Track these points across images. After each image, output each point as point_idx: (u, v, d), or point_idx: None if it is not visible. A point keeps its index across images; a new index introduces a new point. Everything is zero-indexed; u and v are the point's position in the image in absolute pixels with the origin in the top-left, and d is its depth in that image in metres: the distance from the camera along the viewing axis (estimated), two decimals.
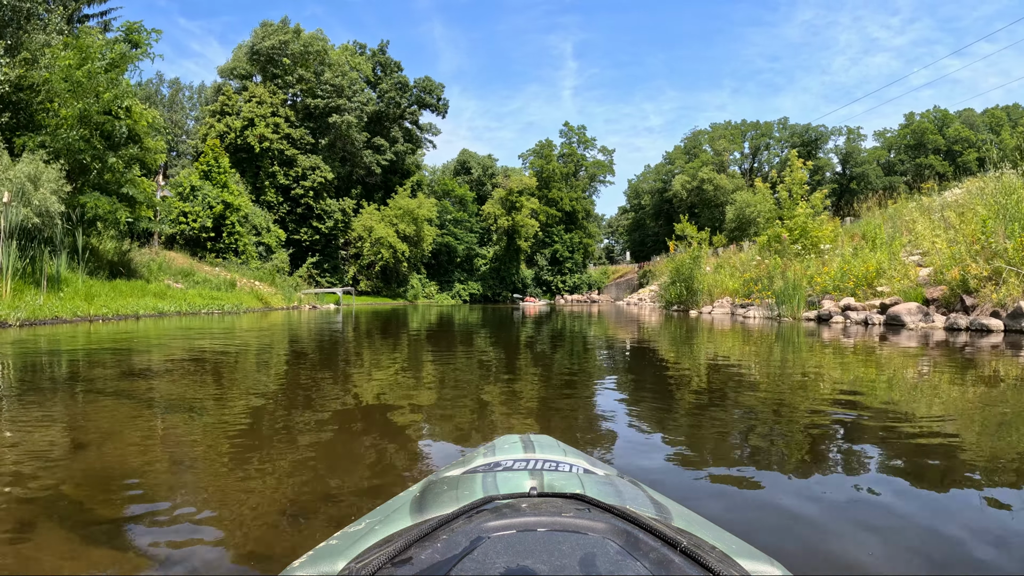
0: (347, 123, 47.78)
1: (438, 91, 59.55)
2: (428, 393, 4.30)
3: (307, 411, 3.48)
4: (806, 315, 14.01)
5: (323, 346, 8.40)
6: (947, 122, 79.79)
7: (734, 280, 20.98)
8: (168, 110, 71.91)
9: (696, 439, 2.86)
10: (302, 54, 47.23)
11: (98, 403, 3.65)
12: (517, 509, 0.78)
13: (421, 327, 13.78)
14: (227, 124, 42.86)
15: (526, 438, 1.32)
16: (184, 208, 31.67)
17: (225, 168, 33.59)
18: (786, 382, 4.76)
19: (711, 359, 6.50)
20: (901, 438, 2.79)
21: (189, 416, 3.31)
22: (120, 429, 2.92)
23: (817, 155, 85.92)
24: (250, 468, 2.30)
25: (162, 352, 6.93)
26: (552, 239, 70.59)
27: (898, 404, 3.75)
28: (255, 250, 34.63)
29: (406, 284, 53.19)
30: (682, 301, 22.01)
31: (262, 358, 6.58)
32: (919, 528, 1.73)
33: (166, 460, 2.42)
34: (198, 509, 1.86)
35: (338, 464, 2.38)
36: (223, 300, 21.46)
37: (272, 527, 1.73)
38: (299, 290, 35.05)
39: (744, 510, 1.91)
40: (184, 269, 25.81)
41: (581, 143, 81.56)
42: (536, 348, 8.41)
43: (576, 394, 4.35)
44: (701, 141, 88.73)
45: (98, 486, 2.09)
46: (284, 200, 45.41)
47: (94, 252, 19.84)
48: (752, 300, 17.50)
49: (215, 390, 4.29)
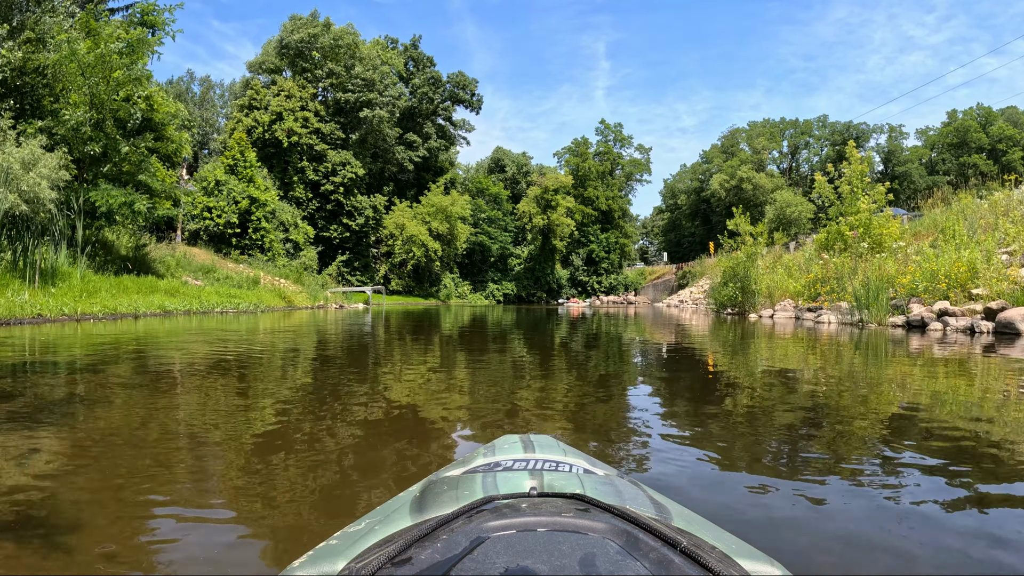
0: (378, 118, 46.34)
1: (472, 86, 57.96)
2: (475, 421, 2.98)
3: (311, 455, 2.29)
4: (893, 321, 11.91)
5: (338, 357, 6.65)
6: (990, 120, 76.00)
7: (794, 281, 18.82)
8: (199, 108, 71.75)
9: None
10: (332, 48, 45.97)
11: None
12: (517, 509, 0.77)
13: (456, 329, 12.03)
14: (255, 119, 41.73)
15: (526, 438, 1.31)
16: (208, 203, 30.46)
17: (251, 162, 32.31)
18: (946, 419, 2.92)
19: (822, 383, 4.57)
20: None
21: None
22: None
23: (861, 153, 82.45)
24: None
25: (125, 365, 5.24)
26: (588, 239, 68.46)
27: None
28: (282, 247, 33.26)
29: (439, 283, 51.63)
30: (736, 304, 19.86)
31: (254, 377, 4.83)
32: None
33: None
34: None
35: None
36: (242, 298, 19.99)
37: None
38: (327, 288, 33.59)
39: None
40: (205, 266, 24.50)
41: (617, 141, 79.34)
42: (597, 360, 6.56)
43: (674, 437, 2.85)
44: (739, 140, 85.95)
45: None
46: (313, 196, 44.12)
47: (106, 246, 18.54)
48: (820, 303, 15.38)
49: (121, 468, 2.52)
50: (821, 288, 15.75)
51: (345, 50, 46.51)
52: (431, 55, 57.11)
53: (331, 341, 8.56)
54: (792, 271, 19.76)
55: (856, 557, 1.51)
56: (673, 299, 46.92)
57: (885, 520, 1.72)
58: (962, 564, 1.46)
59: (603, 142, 78.21)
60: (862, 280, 13.31)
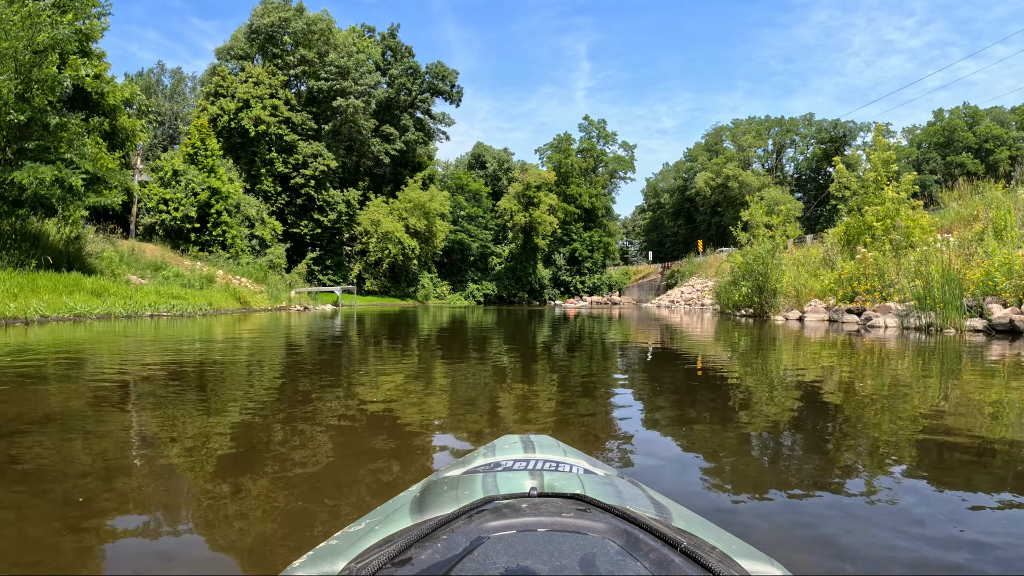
0: (353, 107, 43.74)
1: (452, 77, 55.59)
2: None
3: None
4: (971, 325, 9.96)
5: (272, 378, 4.39)
6: (977, 119, 75.50)
7: (815, 279, 16.86)
8: (170, 100, 68.56)
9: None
10: (304, 33, 43.35)
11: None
12: (517, 509, 0.77)
13: (444, 337, 9.78)
14: (221, 107, 38.97)
15: (526, 438, 1.29)
16: (165, 195, 27.77)
17: (213, 150, 29.63)
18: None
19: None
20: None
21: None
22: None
23: (845, 152, 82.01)
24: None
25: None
26: (571, 237, 66.38)
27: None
28: (247, 244, 30.62)
29: (416, 283, 49.16)
30: (751, 305, 17.81)
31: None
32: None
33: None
34: None
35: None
36: (188, 300, 17.52)
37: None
38: (294, 288, 31.03)
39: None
40: (155, 263, 21.99)
41: (601, 137, 77.49)
42: (640, 382, 4.38)
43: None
44: (724, 138, 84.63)
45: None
46: (283, 190, 41.38)
47: (31, 238, 16.05)
48: (860, 303, 13.39)
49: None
50: (859, 286, 13.76)
51: (319, 36, 43.92)
52: (410, 45, 54.65)
53: (272, 359, 6.30)
54: (811, 268, 17.84)
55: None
56: (663, 299, 44.99)
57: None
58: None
59: (586, 138, 76.31)
60: (920, 274, 11.32)
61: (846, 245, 18.56)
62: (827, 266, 17.54)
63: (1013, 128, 75.37)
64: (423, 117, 55.70)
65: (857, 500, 1.99)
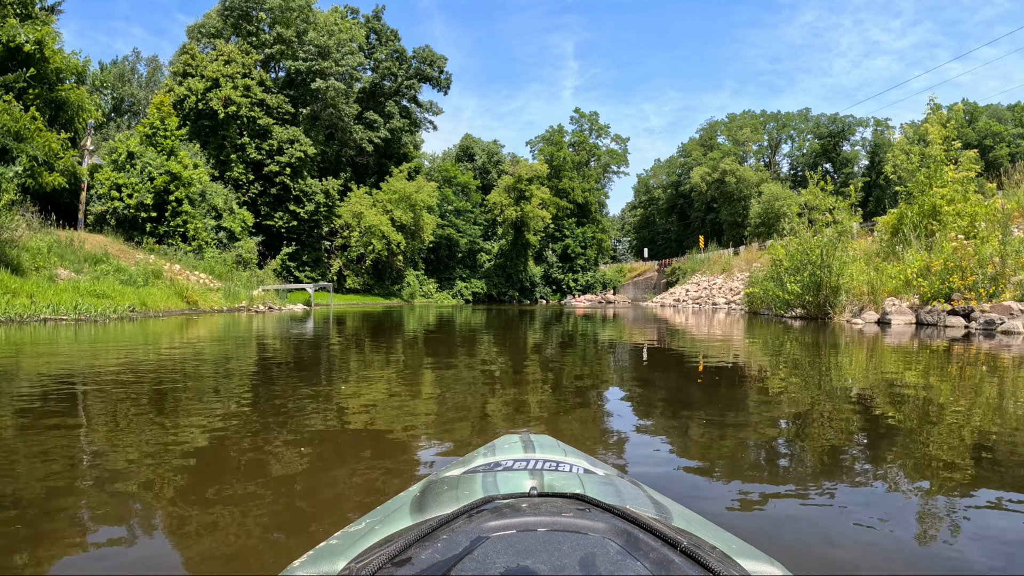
0: (334, 90, 40.52)
1: (440, 63, 52.49)
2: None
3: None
4: None
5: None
6: (976, 116, 73.62)
7: (880, 274, 14.11)
8: (145, 89, 64.98)
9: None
10: (282, 10, 40.09)
11: None
12: (517, 509, 0.77)
13: (435, 344, 6.90)
14: (188, 87, 35.65)
15: (526, 438, 1.27)
16: (118, 179, 24.60)
17: (173, 131, 26.45)
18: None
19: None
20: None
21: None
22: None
23: (843, 148, 79.92)
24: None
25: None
26: (563, 233, 63.52)
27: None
28: (211, 236, 27.44)
29: (401, 281, 46.04)
30: (804, 305, 14.96)
31: None
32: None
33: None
34: None
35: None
36: (115, 300, 14.46)
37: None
38: (262, 285, 27.88)
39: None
40: (95, 255, 18.86)
41: (594, 130, 74.59)
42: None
43: None
44: (718, 132, 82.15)
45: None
46: (255, 178, 38.06)
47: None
48: (961, 301, 10.67)
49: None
50: (958, 281, 11.02)
51: (297, 13, 40.67)
52: (395, 28, 51.50)
53: (174, 398, 3.39)
54: (872, 261, 15.13)
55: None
56: (665, 298, 42.19)
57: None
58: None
59: (578, 131, 73.41)
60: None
61: (893, 235, 15.96)
62: (891, 258, 14.84)
63: (1010, 125, 73.73)
64: (409, 105, 52.54)
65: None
